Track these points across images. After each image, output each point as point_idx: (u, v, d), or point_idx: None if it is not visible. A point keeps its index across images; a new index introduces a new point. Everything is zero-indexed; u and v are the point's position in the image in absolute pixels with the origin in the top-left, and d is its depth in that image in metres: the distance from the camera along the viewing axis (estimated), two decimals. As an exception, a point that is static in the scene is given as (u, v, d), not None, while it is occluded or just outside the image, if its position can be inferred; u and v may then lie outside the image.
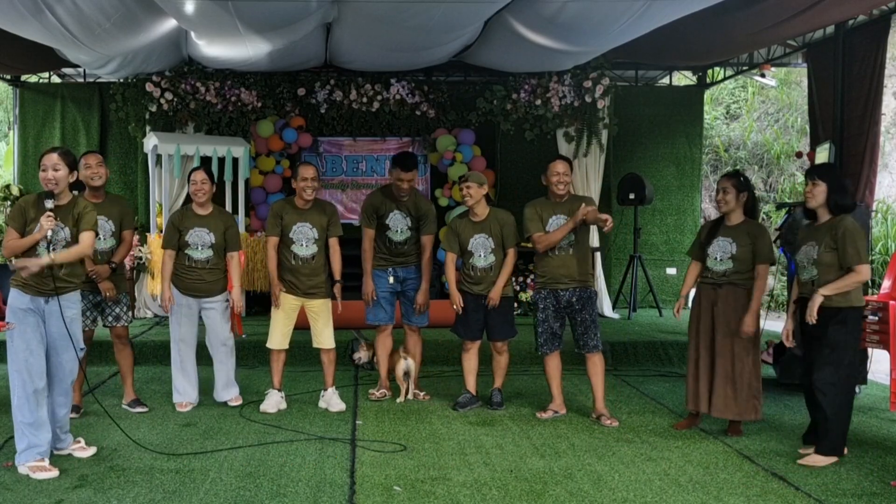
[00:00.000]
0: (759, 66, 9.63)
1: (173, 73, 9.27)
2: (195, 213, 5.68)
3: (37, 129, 10.13)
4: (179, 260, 5.65)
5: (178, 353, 5.73)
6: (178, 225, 5.65)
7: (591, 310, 5.43)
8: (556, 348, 5.57)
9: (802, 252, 4.72)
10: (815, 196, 4.65)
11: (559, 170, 5.43)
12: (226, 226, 5.71)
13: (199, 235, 5.62)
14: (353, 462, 4.51)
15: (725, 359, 5.05)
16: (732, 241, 5.06)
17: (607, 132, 9.79)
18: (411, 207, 5.87)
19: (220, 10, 6.22)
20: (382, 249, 5.90)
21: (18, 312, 4.26)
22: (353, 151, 10.21)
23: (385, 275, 5.88)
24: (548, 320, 5.50)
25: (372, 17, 6.82)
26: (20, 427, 4.25)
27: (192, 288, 5.65)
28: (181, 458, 4.53)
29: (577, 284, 5.41)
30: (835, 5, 6.42)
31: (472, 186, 5.60)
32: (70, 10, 5.93)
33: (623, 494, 4.04)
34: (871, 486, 4.22)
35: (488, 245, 5.62)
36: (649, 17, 6.31)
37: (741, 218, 5.12)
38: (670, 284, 10.62)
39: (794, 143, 13.66)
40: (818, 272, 4.59)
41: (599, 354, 5.47)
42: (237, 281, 5.71)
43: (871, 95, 7.26)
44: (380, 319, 5.95)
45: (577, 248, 5.41)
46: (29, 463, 4.21)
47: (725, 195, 5.09)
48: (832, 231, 4.56)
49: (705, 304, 5.16)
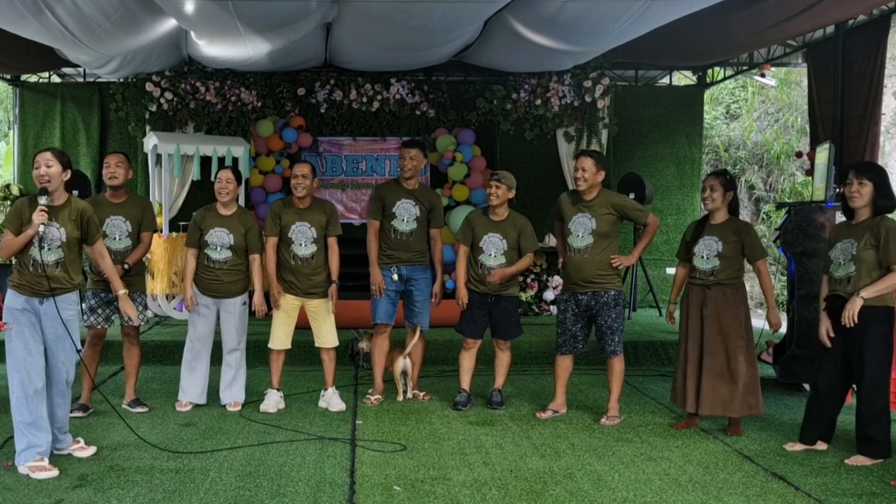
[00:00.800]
0: (759, 65, 9.63)
1: (173, 72, 9.28)
2: (218, 212, 5.66)
3: (37, 129, 10.13)
4: (199, 259, 5.65)
5: (190, 352, 5.71)
6: (199, 223, 5.65)
7: (610, 313, 5.32)
8: (572, 351, 5.51)
9: (839, 249, 4.68)
10: (862, 195, 4.60)
11: (579, 165, 5.34)
12: (246, 228, 5.66)
13: (218, 236, 5.60)
14: (353, 462, 4.51)
15: (716, 358, 5.06)
16: (718, 240, 5.07)
17: (607, 132, 9.80)
18: (421, 198, 5.85)
19: (220, 10, 6.22)
20: (387, 242, 5.84)
21: (15, 312, 4.28)
22: (353, 151, 10.20)
23: (389, 273, 5.83)
24: (566, 322, 5.46)
25: (372, 16, 6.82)
26: (19, 427, 4.25)
27: (209, 288, 5.64)
28: (181, 458, 4.53)
29: (595, 287, 5.32)
30: (835, 5, 6.41)
31: (501, 187, 5.56)
32: (70, 9, 5.93)
33: (623, 494, 4.04)
34: (871, 485, 4.22)
35: (501, 246, 5.60)
36: (649, 17, 6.31)
37: (726, 216, 5.14)
38: (670, 284, 10.48)
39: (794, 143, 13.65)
40: (856, 269, 4.56)
41: (618, 358, 5.41)
42: (258, 283, 5.67)
43: (871, 95, 7.26)
44: (380, 318, 5.89)
45: (594, 249, 5.31)
46: (28, 463, 4.21)
47: (712, 193, 5.11)
48: (873, 229, 4.54)
49: (694, 305, 5.16)
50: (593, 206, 5.33)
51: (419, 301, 5.90)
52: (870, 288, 4.47)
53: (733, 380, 5.04)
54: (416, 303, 5.91)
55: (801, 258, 6.27)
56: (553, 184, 9.96)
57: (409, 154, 5.78)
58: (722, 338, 5.05)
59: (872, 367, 4.54)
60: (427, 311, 5.95)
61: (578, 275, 5.34)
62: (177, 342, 6.97)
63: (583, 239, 5.32)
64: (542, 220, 9.74)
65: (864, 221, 4.63)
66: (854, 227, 4.67)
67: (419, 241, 5.86)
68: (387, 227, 5.83)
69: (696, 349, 5.14)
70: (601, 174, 5.31)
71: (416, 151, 5.81)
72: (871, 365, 4.54)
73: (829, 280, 4.78)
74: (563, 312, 5.49)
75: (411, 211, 5.79)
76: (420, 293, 5.89)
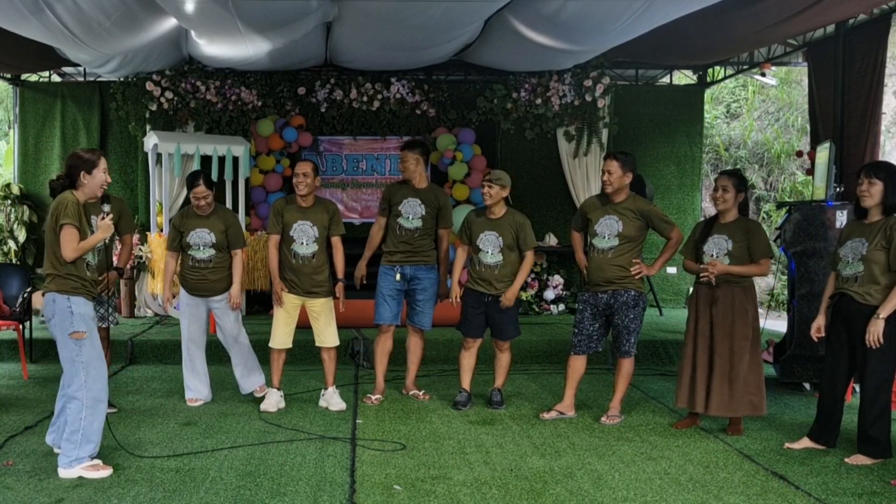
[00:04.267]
0: (759, 65, 9.62)
1: (173, 72, 9.27)
2: (195, 214, 5.69)
3: (37, 129, 10.11)
4: (184, 261, 5.71)
5: (188, 353, 5.78)
6: (178, 227, 5.68)
7: (628, 313, 5.29)
8: (586, 352, 5.47)
9: (848, 247, 4.67)
10: (871, 195, 4.58)
11: (605, 167, 5.35)
12: (226, 224, 5.70)
13: (199, 236, 5.64)
14: (353, 461, 4.51)
15: (724, 359, 5.04)
16: (728, 238, 5.06)
17: (607, 131, 9.79)
18: (428, 197, 5.85)
19: (220, 9, 6.22)
20: (393, 240, 5.85)
21: (88, 320, 4.28)
22: (353, 150, 10.20)
23: (392, 272, 5.84)
24: (583, 322, 5.43)
25: (372, 15, 6.82)
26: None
27: (197, 288, 5.68)
28: (181, 458, 4.53)
29: (614, 287, 5.29)
30: (835, 4, 6.41)
31: (493, 187, 5.54)
32: (70, 8, 5.93)
33: (623, 493, 4.04)
34: (872, 485, 4.22)
35: (497, 243, 5.59)
36: (649, 17, 6.31)
37: (735, 216, 5.13)
38: (670, 284, 10.62)
39: (795, 143, 13.64)
40: (864, 269, 4.55)
41: (629, 359, 5.39)
42: (237, 278, 5.73)
43: (871, 94, 7.26)
44: (383, 317, 5.89)
45: (618, 251, 5.27)
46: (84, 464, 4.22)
47: (725, 193, 5.09)
48: (885, 230, 4.52)
49: (703, 304, 5.14)
50: (620, 208, 5.30)
51: (421, 301, 5.89)
52: (886, 306, 4.45)
53: (737, 381, 5.02)
54: (418, 302, 5.90)
55: (802, 257, 6.27)
56: (553, 183, 9.96)
57: (405, 156, 5.81)
58: (729, 338, 5.04)
59: (876, 366, 4.53)
60: (429, 311, 5.94)
61: (600, 275, 5.31)
62: (176, 342, 6.91)
63: (608, 240, 5.29)
64: (542, 219, 9.79)
65: (877, 221, 4.60)
66: (866, 227, 4.65)
67: (424, 239, 5.86)
68: (393, 224, 5.85)
69: (706, 350, 5.11)
70: (628, 176, 5.30)
71: (415, 152, 5.81)
72: (874, 365, 4.53)
73: (836, 277, 4.76)
74: (581, 312, 5.46)
75: (417, 209, 5.80)
76: (423, 293, 5.89)
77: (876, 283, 4.53)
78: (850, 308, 4.61)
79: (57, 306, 4.19)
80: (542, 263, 9.67)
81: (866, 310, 4.52)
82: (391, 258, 5.86)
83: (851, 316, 4.61)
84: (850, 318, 4.61)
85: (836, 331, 4.74)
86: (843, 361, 4.72)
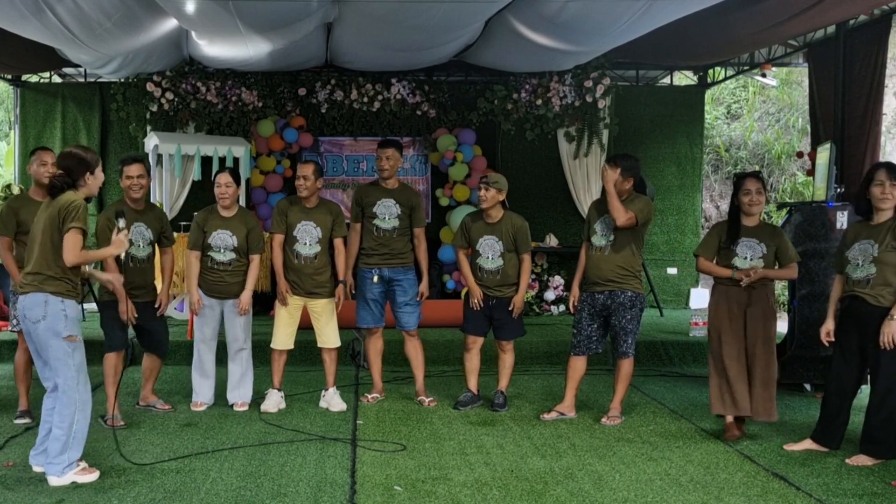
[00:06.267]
0: (759, 65, 9.63)
1: (174, 72, 9.27)
2: (219, 214, 5.65)
3: (37, 129, 10.11)
4: (203, 262, 5.63)
5: (198, 354, 5.72)
6: (202, 225, 5.63)
7: (625, 314, 5.29)
8: (586, 353, 5.47)
9: (856, 249, 4.62)
10: (894, 197, 4.53)
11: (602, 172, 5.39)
12: (248, 228, 5.66)
13: (221, 238, 5.59)
14: (353, 462, 4.51)
15: (763, 361, 4.99)
16: (759, 242, 5.01)
17: (608, 132, 9.80)
18: (401, 197, 5.82)
19: (221, 10, 6.23)
20: (369, 242, 5.81)
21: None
22: (353, 151, 10.20)
23: (370, 274, 5.80)
24: (581, 322, 5.43)
25: (373, 16, 6.82)
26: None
27: (213, 289, 5.63)
28: (182, 458, 4.53)
29: (611, 287, 5.29)
30: (835, 5, 6.41)
31: (490, 190, 5.53)
32: (71, 9, 5.93)
33: (624, 494, 4.04)
34: (872, 485, 4.22)
35: (497, 248, 5.59)
36: (650, 17, 6.31)
37: (758, 220, 5.10)
38: (671, 284, 10.61)
39: (795, 143, 13.64)
40: (876, 271, 4.52)
41: (628, 360, 5.38)
42: (250, 283, 5.66)
43: (871, 95, 7.26)
44: (366, 322, 5.88)
45: (614, 248, 5.28)
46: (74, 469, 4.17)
47: (759, 196, 5.00)
48: (894, 231, 4.49)
49: (737, 306, 5.03)
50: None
51: (401, 302, 5.86)
52: None
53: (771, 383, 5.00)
54: (400, 305, 5.87)
55: (802, 258, 6.25)
56: (553, 184, 9.96)
57: (384, 154, 5.75)
58: (763, 340, 4.99)
59: (888, 368, 4.49)
60: (413, 311, 5.88)
61: (597, 273, 5.31)
62: (176, 342, 6.97)
63: (604, 237, 5.31)
64: (542, 220, 9.80)
65: (885, 222, 4.57)
66: (873, 228, 4.60)
67: (401, 240, 5.83)
68: (368, 226, 5.82)
69: (743, 352, 5.02)
70: (629, 182, 5.28)
71: (392, 151, 5.77)
72: (886, 366, 4.49)
73: (845, 280, 4.72)
74: (579, 312, 5.46)
75: (392, 209, 5.78)
76: (403, 294, 5.84)
77: (889, 286, 4.49)
78: (863, 310, 4.56)
79: (50, 308, 4.08)
80: (543, 264, 9.67)
81: (880, 311, 4.48)
82: (368, 260, 5.83)
83: (864, 318, 4.56)
84: (863, 320, 4.56)
85: (845, 334, 4.69)
86: (853, 365, 4.68)
